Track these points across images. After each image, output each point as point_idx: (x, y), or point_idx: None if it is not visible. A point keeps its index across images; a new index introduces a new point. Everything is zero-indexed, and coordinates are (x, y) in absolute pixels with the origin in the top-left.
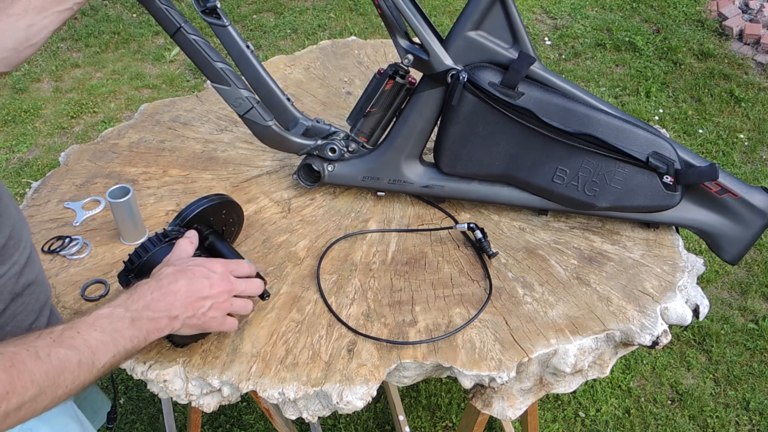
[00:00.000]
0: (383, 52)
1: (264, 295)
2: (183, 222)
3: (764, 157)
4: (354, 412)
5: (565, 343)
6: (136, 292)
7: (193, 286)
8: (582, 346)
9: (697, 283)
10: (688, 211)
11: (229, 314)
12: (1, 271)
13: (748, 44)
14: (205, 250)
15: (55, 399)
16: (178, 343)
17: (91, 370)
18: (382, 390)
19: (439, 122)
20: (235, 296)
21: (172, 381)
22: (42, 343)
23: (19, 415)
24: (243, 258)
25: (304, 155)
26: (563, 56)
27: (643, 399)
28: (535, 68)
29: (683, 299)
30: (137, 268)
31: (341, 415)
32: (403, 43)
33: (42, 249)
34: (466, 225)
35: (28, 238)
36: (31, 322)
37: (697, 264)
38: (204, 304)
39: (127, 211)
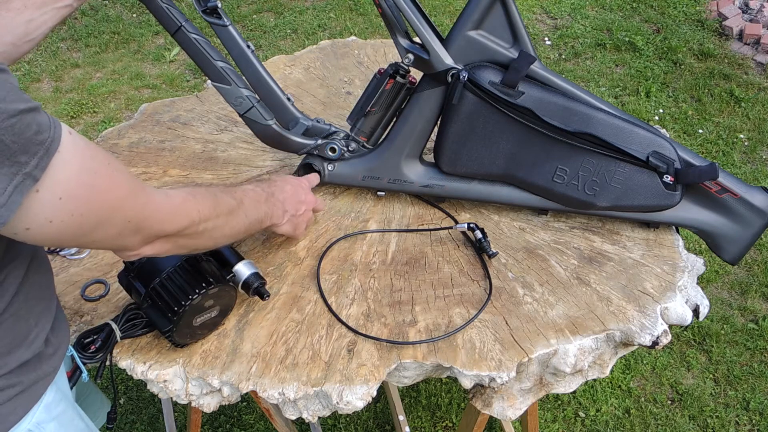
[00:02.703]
0: (383, 52)
1: (264, 295)
2: None
3: (764, 157)
4: (354, 412)
5: (565, 343)
6: (273, 182)
7: (296, 192)
8: (582, 346)
9: (697, 283)
10: (688, 210)
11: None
12: (15, 253)
13: (748, 44)
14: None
15: (229, 232)
16: (178, 343)
17: (244, 220)
18: (382, 390)
19: (439, 122)
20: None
21: (172, 381)
22: (212, 189)
23: (204, 235)
24: (243, 258)
25: (304, 155)
26: (563, 56)
27: (643, 399)
28: (536, 68)
29: (683, 299)
30: (137, 268)
31: (341, 415)
32: (404, 42)
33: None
34: (466, 225)
35: None
36: (41, 309)
37: (697, 264)
38: (301, 207)
39: None
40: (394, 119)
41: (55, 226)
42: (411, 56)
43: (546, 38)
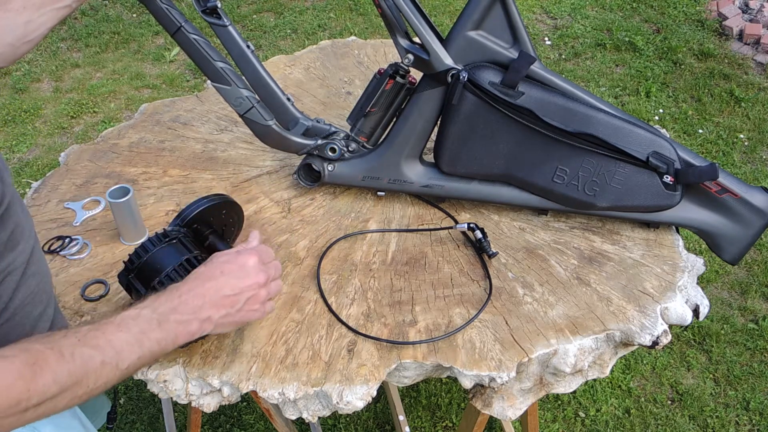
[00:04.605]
0: (383, 52)
1: None
2: (183, 222)
3: (764, 157)
4: (354, 412)
5: (565, 343)
6: (164, 294)
7: (223, 285)
8: (582, 346)
9: (697, 283)
10: (688, 210)
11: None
12: (11, 258)
13: (748, 44)
14: (205, 249)
15: (76, 398)
16: None
17: (115, 371)
18: (382, 390)
19: (439, 122)
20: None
21: (172, 381)
22: (67, 343)
23: (38, 411)
24: None
25: (304, 155)
26: (563, 56)
27: (643, 399)
28: (536, 68)
29: (683, 299)
30: (137, 268)
31: (341, 415)
32: (404, 42)
33: (42, 249)
34: (466, 225)
35: (32, 228)
36: (39, 312)
37: (697, 264)
38: (238, 300)
39: (127, 211)
40: (394, 119)
41: None
42: (411, 56)
43: (546, 38)
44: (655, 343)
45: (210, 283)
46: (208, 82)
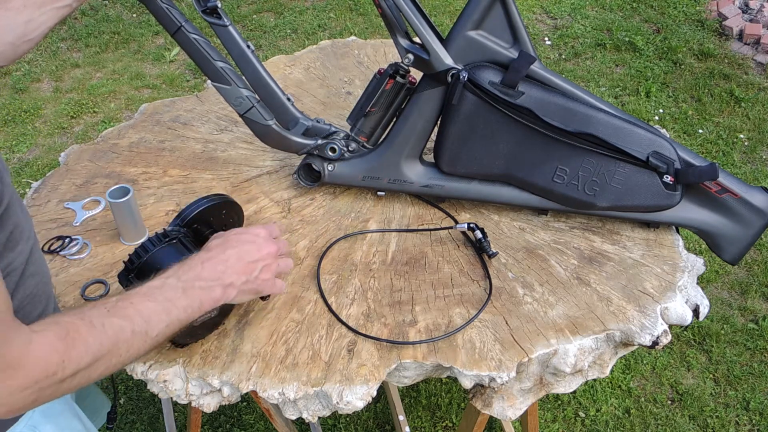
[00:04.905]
0: (383, 52)
1: (264, 296)
2: (183, 222)
3: (764, 157)
4: (354, 412)
5: (565, 343)
6: (187, 263)
7: (242, 252)
8: (582, 346)
9: (697, 283)
10: (688, 210)
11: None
12: (10, 259)
13: (748, 44)
14: None
15: (110, 367)
16: (178, 343)
17: (145, 339)
18: (382, 390)
19: (439, 122)
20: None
21: (172, 381)
22: (96, 313)
23: (74, 381)
24: None
25: (304, 155)
26: (563, 56)
27: (643, 399)
28: (536, 68)
29: (683, 299)
30: (137, 268)
31: (341, 415)
32: (404, 42)
33: (42, 249)
34: (466, 225)
35: (31, 229)
36: (38, 313)
37: (697, 264)
38: (256, 267)
39: (127, 211)
40: (394, 119)
41: None
42: (411, 56)
43: (546, 38)
44: (655, 343)
45: (230, 250)
46: (208, 82)
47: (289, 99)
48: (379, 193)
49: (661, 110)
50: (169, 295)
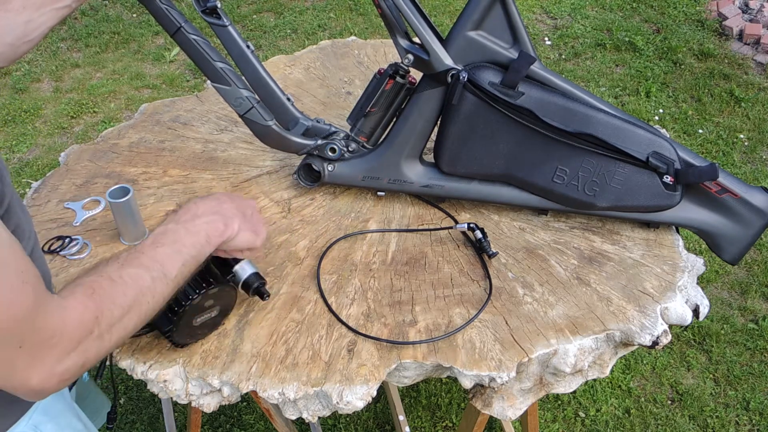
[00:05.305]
0: (383, 52)
1: (264, 295)
2: None
3: (764, 157)
4: (354, 412)
5: (565, 343)
6: (182, 208)
7: (228, 197)
8: (582, 346)
9: (697, 283)
10: (688, 210)
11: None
12: None
13: (748, 44)
14: None
15: (142, 316)
16: (178, 343)
17: (166, 282)
18: (382, 390)
19: (439, 122)
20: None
21: (172, 381)
22: (112, 268)
23: (113, 337)
24: (242, 259)
25: (304, 155)
26: (563, 56)
27: (643, 399)
28: (535, 68)
29: (683, 299)
30: None
31: (341, 415)
32: (404, 42)
33: (42, 249)
34: (466, 225)
35: (32, 229)
36: None
37: (697, 264)
38: (245, 206)
39: (127, 211)
40: (394, 119)
41: None
42: (411, 57)
43: (546, 38)
44: (655, 343)
45: (218, 196)
46: (208, 82)
47: (289, 99)
48: (379, 193)
49: (661, 110)
50: (174, 237)
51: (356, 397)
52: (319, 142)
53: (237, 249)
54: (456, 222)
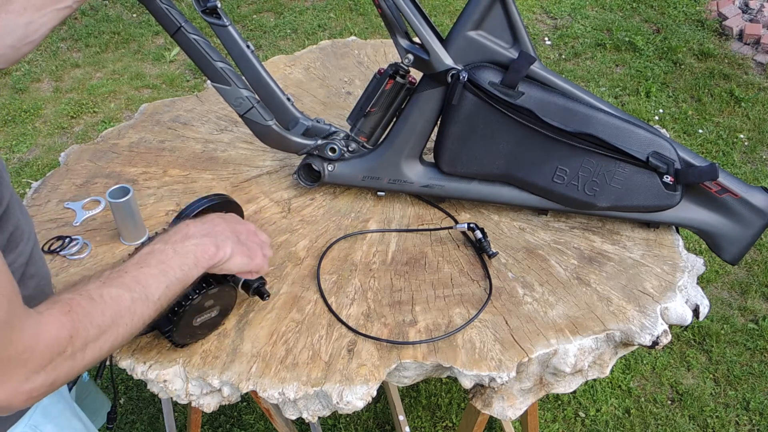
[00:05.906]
0: (383, 52)
1: (264, 295)
2: None
3: (764, 157)
4: (354, 412)
5: (565, 343)
6: (173, 228)
7: (224, 219)
8: (582, 346)
9: (697, 283)
10: (688, 210)
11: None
12: (10, 260)
13: (748, 44)
14: None
15: (119, 338)
16: (178, 343)
17: (147, 304)
18: (382, 390)
19: (439, 122)
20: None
21: (172, 381)
22: (93, 287)
23: (86, 357)
24: None
25: (304, 155)
26: (563, 56)
27: (643, 399)
28: (536, 68)
29: (683, 299)
30: None
31: (341, 415)
32: (404, 42)
33: (42, 249)
34: (466, 225)
35: (31, 230)
36: (47, 295)
37: (697, 264)
38: (240, 230)
39: (127, 211)
40: (394, 119)
41: None
42: (411, 56)
43: (546, 38)
44: (655, 343)
45: (213, 219)
46: (208, 82)
47: (289, 99)
48: (379, 193)
49: (661, 110)
50: (161, 258)
51: (356, 397)
52: (319, 142)
53: (230, 272)
54: (456, 222)
